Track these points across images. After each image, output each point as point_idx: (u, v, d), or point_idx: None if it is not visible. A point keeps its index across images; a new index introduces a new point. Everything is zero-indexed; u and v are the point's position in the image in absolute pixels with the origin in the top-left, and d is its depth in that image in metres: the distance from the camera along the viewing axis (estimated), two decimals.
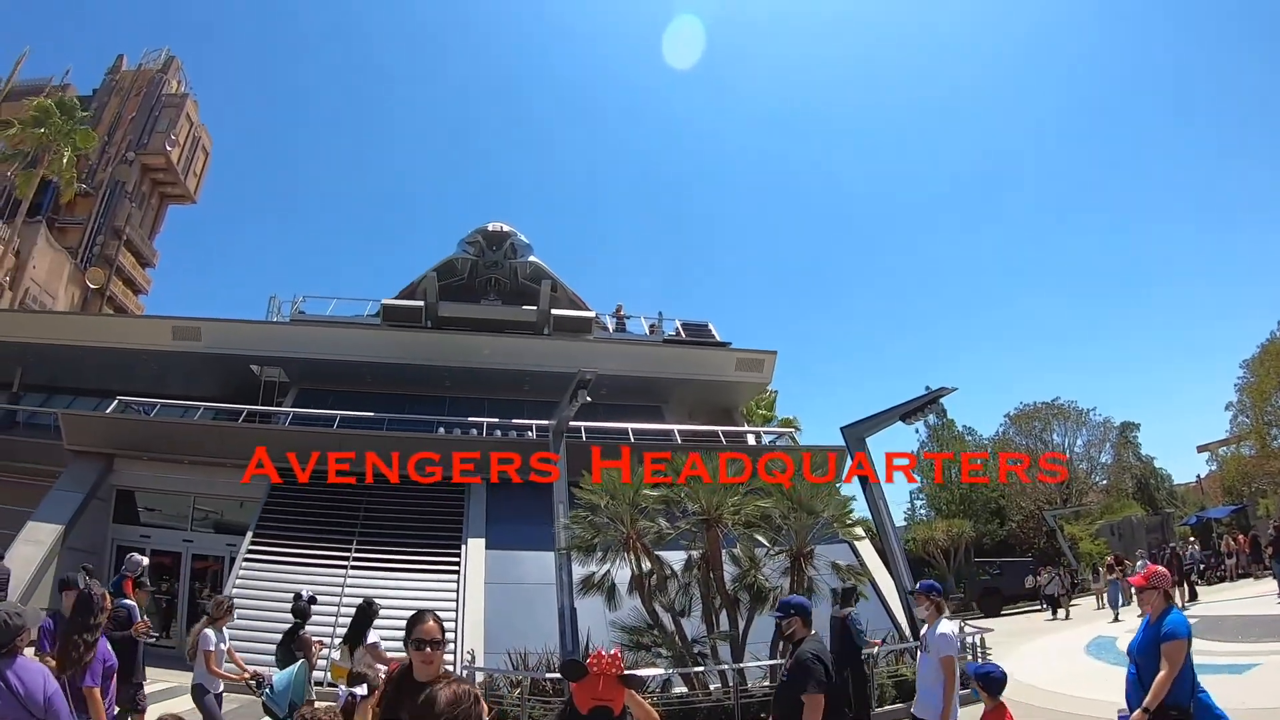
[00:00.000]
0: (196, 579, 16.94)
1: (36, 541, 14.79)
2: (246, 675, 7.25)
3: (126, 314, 35.88)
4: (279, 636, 8.42)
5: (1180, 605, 18.10)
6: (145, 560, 11.05)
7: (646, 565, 10.94)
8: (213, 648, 7.24)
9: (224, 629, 7.56)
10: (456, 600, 13.95)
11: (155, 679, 12.41)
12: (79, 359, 20.85)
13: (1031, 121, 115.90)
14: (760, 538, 10.61)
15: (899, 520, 43.51)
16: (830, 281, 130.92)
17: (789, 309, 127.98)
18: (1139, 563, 20.68)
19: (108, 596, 5.33)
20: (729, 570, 10.82)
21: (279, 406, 19.85)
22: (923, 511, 38.44)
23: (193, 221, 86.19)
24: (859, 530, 13.53)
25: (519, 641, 11.42)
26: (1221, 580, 25.36)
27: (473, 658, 11.94)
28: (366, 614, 8.31)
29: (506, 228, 23.11)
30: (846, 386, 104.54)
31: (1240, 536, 27.01)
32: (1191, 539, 29.41)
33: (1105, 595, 21.47)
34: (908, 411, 12.99)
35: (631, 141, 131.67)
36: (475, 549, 14.97)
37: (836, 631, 9.49)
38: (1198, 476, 42.11)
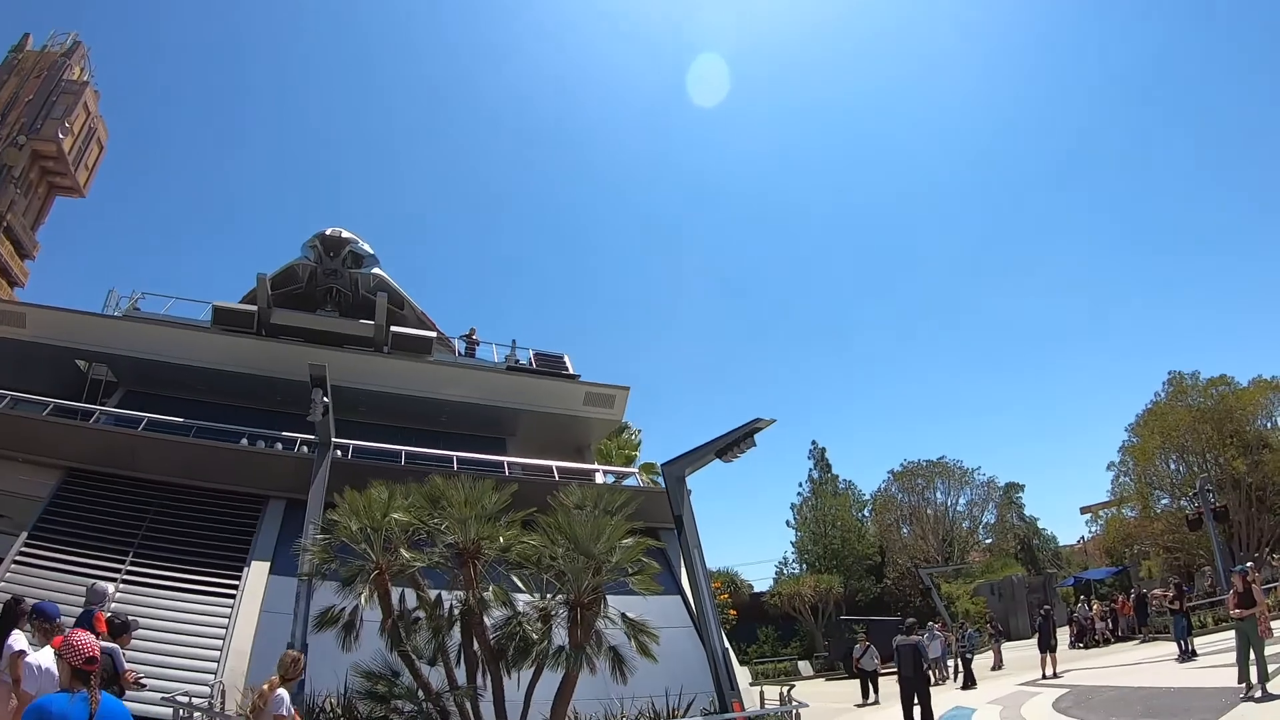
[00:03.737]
0: None
1: None
2: None
3: None
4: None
5: (1050, 674, 17.59)
6: (110, 588, 9.47)
7: (409, 601, 9.92)
8: (287, 712, 6.29)
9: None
10: (226, 629, 12.54)
11: None
12: None
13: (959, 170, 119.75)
14: (518, 579, 9.61)
15: (769, 574, 42.49)
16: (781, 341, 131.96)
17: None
18: (926, 635, 19.66)
19: None
20: (500, 615, 9.74)
21: (102, 406, 18.26)
22: (794, 566, 37.71)
23: (81, 215, 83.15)
24: (661, 582, 12.58)
25: None
26: (1103, 644, 25.40)
27: (223, 696, 10.73)
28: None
29: (346, 234, 21.61)
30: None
31: (1121, 598, 27.22)
32: (1084, 599, 29.41)
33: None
34: (723, 447, 12.38)
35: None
36: (258, 572, 13.49)
37: (908, 657, 12.70)
38: (1081, 538, 42.94)
